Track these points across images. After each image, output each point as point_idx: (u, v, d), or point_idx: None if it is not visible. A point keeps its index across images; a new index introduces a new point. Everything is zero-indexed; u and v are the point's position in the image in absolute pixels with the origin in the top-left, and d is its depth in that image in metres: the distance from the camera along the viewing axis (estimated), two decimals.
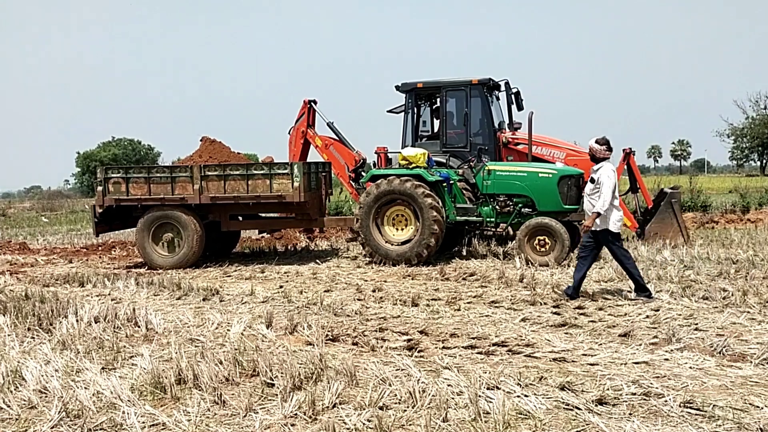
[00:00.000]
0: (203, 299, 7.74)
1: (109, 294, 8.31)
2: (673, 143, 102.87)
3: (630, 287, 7.46)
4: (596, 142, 7.04)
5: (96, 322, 6.31)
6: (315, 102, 13.25)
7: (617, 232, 6.97)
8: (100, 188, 10.78)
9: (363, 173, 11.95)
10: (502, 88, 12.46)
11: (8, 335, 5.97)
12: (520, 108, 12.65)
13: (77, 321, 6.28)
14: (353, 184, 12.64)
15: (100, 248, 14.02)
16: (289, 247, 13.12)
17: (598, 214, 6.85)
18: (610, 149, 7.04)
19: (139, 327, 6.24)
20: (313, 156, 13.50)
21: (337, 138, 13.14)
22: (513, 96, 12.53)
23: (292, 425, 3.81)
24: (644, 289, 6.97)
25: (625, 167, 12.31)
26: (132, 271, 10.38)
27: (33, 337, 5.97)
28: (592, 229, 6.99)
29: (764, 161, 64.12)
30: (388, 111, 13.37)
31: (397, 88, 12.57)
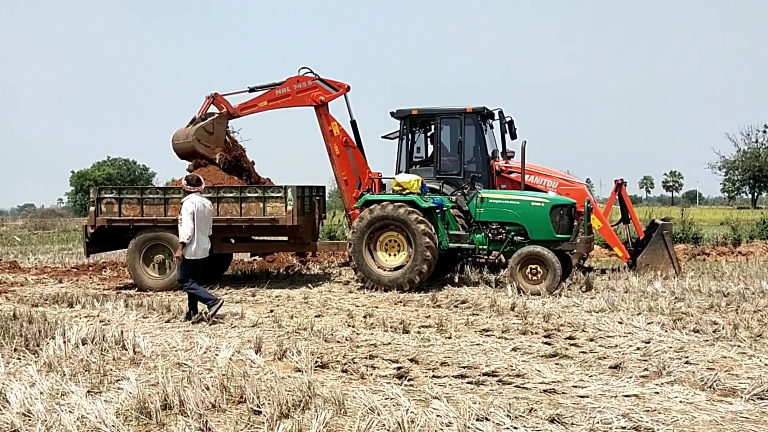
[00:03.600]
0: (192, 322, 7.68)
1: (97, 315, 8.24)
2: (665, 174, 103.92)
3: (621, 319, 7.47)
4: (185, 178, 8.13)
5: (83, 344, 6.24)
6: (348, 88, 12.48)
7: (191, 260, 7.82)
8: (92, 208, 10.75)
9: None
10: (496, 116, 12.55)
11: None
12: (513, 137, 12.73)
13: (64, 342, 6.21)
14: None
15: (90, 268, 13.95)
16: (281, 271, 13.08)
17: (185, 244, 7.76)
18: (193, 184, 7.96)
19: (126, 350, 6.17)
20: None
21: (357, 143, 12.61)
22: (507, 125, 12.62)
23: None
24: (209, 303, 7.75)
25: (617, 198, 12.41)
26: (122, 293, 10.31)
27: (19, 358, 5.90)
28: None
29: (755, 194, 64.70)
30: (383, 137, 13.44)
31: (392, 114, 12.64)
